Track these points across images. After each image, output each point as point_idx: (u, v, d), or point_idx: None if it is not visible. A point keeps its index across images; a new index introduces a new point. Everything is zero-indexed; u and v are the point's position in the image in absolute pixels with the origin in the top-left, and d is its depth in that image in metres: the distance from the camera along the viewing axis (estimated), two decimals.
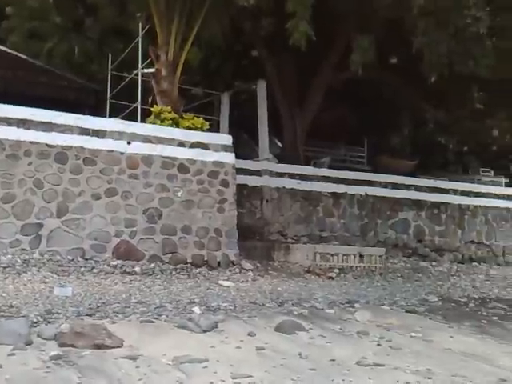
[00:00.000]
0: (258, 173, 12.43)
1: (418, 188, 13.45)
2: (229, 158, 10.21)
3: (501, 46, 9.16)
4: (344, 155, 21.31)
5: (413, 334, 5.82)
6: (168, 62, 11.11)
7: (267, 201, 12.33)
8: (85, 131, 9.13)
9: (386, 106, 16.08)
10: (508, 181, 18.85)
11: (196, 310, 6.22)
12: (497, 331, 6.43)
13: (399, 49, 11.39)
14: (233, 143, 10.40)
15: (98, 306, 6.06)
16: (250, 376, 3.89)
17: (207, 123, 10.50)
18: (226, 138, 10.50)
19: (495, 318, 7.31)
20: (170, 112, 10.16)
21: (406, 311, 7.31)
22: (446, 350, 5.27)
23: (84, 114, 9.93)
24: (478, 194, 14.08)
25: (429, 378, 4.20)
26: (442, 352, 5.20)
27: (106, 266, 8.65)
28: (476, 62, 9.29)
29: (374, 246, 12.36)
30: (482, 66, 9.32)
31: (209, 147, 10.03)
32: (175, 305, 6.43)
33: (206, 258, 9.63)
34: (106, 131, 9.27)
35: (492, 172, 21.58)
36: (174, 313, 6.01)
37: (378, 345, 5.24)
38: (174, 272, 8.88)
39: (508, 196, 14.61)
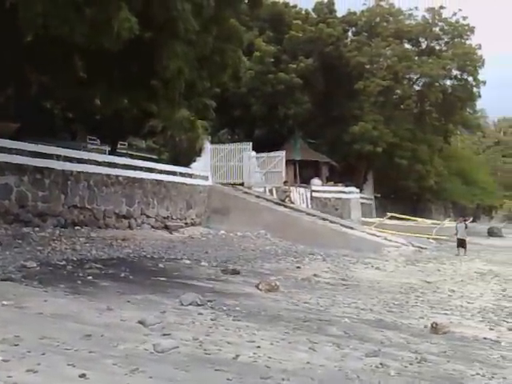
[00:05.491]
0: None
1: (20, 152, 12.76)
2: None
3: (98, 17, 9.19)
4: None
5: (5, 303, 5.66)
6: None
7: None
8: None
9: None
10: (111, 149, 20.11)
11: None
12: (90, 290, 6.89)
13: None
14: None
15: None
16: None
17: None
18: None
19: (90, 277, 7.80)
20: None
21: (2, 280, 7.01)
22: (39, 315, 5.35)
23: None
24: (81, 161, 14.37)
25: (16, 345, 4.19)
26: (33, 317, 5.25)
27: None
28: (71, 28, 9.10)
29: None
30: (78, 33, 9.22)
31: None
32: None
33: None
34: None
35: (99, 140, 22.60)
36: None
37: None
38: None
39: (109, 163, 15.51)
